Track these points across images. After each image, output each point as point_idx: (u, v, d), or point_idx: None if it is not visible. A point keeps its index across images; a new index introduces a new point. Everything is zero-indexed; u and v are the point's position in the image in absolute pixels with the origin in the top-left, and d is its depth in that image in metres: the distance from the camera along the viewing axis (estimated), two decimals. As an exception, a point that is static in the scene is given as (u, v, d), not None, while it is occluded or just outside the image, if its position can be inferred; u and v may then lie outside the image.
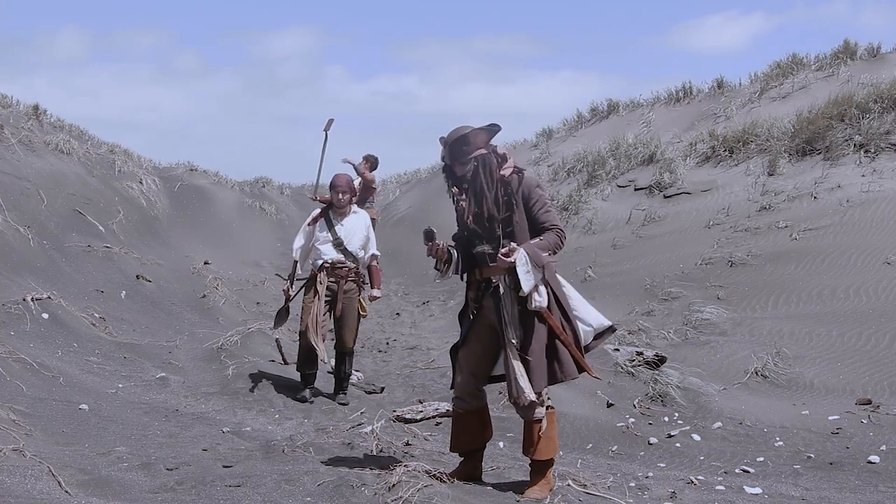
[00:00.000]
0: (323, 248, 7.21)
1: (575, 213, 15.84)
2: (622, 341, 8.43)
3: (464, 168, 4.39)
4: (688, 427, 6.59)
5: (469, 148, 4.37)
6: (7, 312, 7.88)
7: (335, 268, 7.18)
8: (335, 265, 7.18)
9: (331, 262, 7.17)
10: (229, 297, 11.93)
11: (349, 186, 7.24)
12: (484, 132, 4.42)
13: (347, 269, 7.22)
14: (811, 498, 4.98)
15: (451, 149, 4.38)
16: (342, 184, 7.20)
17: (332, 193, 7.23)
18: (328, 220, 7.26)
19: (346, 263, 7.20)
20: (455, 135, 4.38)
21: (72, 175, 13.94)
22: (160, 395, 7.15)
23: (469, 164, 4.37)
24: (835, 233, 11.32)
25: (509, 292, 4.36)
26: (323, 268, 7.19)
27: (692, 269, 11.40)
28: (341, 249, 7.19)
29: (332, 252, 7.19)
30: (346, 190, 7.19)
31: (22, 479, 4.13)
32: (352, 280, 7.26)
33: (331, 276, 7.17)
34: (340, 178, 7.25)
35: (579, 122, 22.39)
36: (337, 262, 7.18)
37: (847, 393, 7.34)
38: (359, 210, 7.45)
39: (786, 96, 18.11)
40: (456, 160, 4.39)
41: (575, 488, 4.57)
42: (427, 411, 6.80)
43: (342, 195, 7.18)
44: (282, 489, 4.16)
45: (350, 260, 7.23)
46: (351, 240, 7.23)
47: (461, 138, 4.37)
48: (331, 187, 7.24)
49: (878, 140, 13.72)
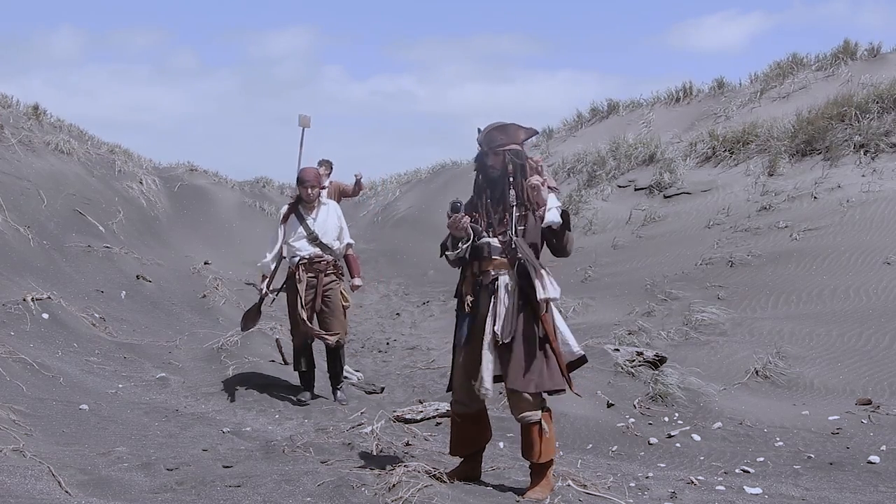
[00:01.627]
0: (298, 245, 7.08)
1: (575, 213, 15.83)
2: (622, 341, 8.43)
3: (496, 158, 4.43)
4: (688, 427, 6.59)
5: (505, 139, 4.43)
6: (7, 312, 7.88)
7: (313, 263, 7.07)
8: (313, 260, 7.07)
9: (308, 258, 7.07)
10: (229, 297, 11.93)
11: (318, 181, 7.15)
12: (523, 131, 4.50)
13: (326, 262, 7.11)
14: (811, 498, 4.98)
15: (489, 134, 4.44)
16: (310, 178, 7.08)
17: (300, 189, 7.10)
18: (299, 216, 7.12)
19: (324, 257, 7.10)
20: (496, 124, 4.45)
21: (72, 175, 13.94)
22: (160, 395, 7.15)
23: (501, 155, 4.42)
24: (835, 233, 11.32)
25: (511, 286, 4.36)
26: (300, 265, 7.07)
27: (692, 270, 11.40)
28: (317, 244, 7.07)
29: (307, 247, 7.07)
30: (314, 184, 7.08)
31: (22, 479, 4.13)
32: (331, 272, 7.14)
33: (309, 271, 7.06)
34: (308, 173, 7.15)
35: (579, 122, 22.39)
36: (314, 256, 7.07)
37: (847, 393, 7.34)
38: (328, 201, 7.33)
39: (786, 96, 18.11)
40: (490, 147, 4.44)
41: (575, 488, 4.56)
42: (427, 411, 6.79)
43: (311, 190, 7.06)
44: (282, 489, 4.16)
45: (327, 253, 7.12)
46: (325, 232, 7.12)
47: (501, 127, 4.44)
48: (299, 182, 7.13)
49: (878, 140, 13.72)
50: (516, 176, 4.41)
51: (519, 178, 4.41)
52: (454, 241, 4.44)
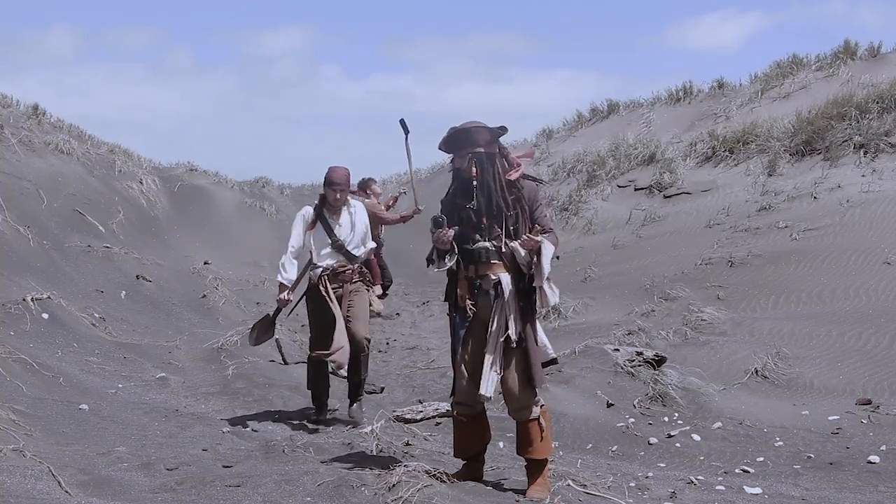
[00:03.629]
0: (321, 254, 6.37)
1: (575, 213, 15.85)
2: (622, 341, 8.43)
3: (462, 161, 4.44)
4: (688, 427, 6.59)
5: (467, 143, 4.41)
6: (7, 312, 7.88)
7: (337, 274, 6.35)
8: (337, 271, 6.35)
9: (332, 269, 6.35)
10: (229, 297, 11.92)
11: (348, 183, 6.42)
12: (488, 131, 4.45)
13: (351, 271, 6.38)
14: (811, 498, 4.98)
15: (448, 139, 4.45)
16: (340, 180, 6.33)
17: (328, 191, 6.35)
18: (324, 221, 6.38)
19: (349, 266, 6.38)
20: (459, 127, 4.43)
21: (72, 175, 13.94)
22: (160, 395, 7.15)
23: (465, 158, 4.42)
24: (835, 233, 11.32)
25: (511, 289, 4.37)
26: (323, 276, 6.32)
27: (692, 270, 11.40)
28: (343, 252, 6.36)
29: (331, 257, 6.36)
30: (344, 188, 6.35)
31: (22, 479, 4.13)
32: (357, 280, 6.46)
33: (333, 282, 6.32)
34: (339, 175, 6.35)
35: (579, 122, 22.38)
36: (338, 266, 6.35)
37: (847, 393, 7.34)
38: (354, 203, 6.54)
39: (786, 96, 18.11)
40: (452, 151, 4.46)
41: (575, 488, 4.57)
42: (427, 411, 6.79)
43: (340, 194, 6.32)
44: (282, 489, 4.16)
45: (352, 262, 6.40)
46: (351, 239, 6.41)
47: (462, 131, 4.42)
48: (327, 184, 6.36)
49: (878, 140, 13.72)
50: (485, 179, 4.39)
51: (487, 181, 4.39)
52: (440, 254, 4.46)
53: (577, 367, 7.41)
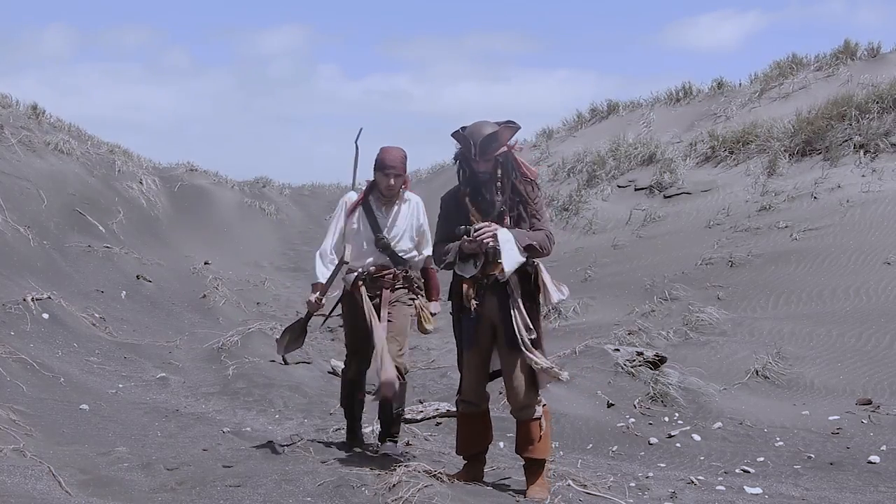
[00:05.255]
0: (360, 252, 5.16)
1: (575, 213, 15.85)
2: (622, 341, 8.43)
3: (487, 165, 4.42)
4: (688, 427, 6.59)
5: (497, 145, 4.41)
6: (7, 312, 7.87)
7: (375, 278, 5.14)
8: (375, 274, 5.14)
9: (371, 271, 5.15)
10: (229, 297, 11.93)
11: (404, 167, 5.13)
12: (509, 130, 4.47)
13: (393, 275, 5.16)
14: (811, 498, 4.98)
15: (483, 145, 4.39)
16: (395, 162, 5.07)
17: (378, 176, 5.11)
18: (369, 211, 5.17)
19: (391, 269, 5.16)
20: (483, 130, 4.41)
21: (72, 175, 13.93)
22: (160, 395, 7.15)
23: (492, 161, 4.41)
24: (835, 233, 11.32)
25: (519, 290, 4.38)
26: (359, 279, 5.15)
27: (692, 270, 11.40)
28: (388, 252, 5.16)
29: (372, 256, 5.16)
30: (400, 172, 5.09)
31: (22, 479, 4.13)
32: (400, 287, 5.19)
33: (371, 289, 5.13)
34: (394, 155, 5.09)
35: (579, 122, 22.39)
36: (379, 268, 5.15)
37: (847, 393, 7.34)
38: (411, 196, 5.27)
39: (786, 96, 18.11)
40: (483, 157, 4.41)
41: (575, 488, 4.57)
42: (427, 411, 6.79)
43: (394, 180, 5.07)
44: (282, 489, 4.16)
45: (397, 265, 5.19)
46: (401, 238, 5.18)
47: (492, 135, 4.40)
48: (378, 167, 5.10)
49: (878, 140, 13.72)
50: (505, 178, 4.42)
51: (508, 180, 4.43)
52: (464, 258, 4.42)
53: (578, 367, 7.41)
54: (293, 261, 15.84)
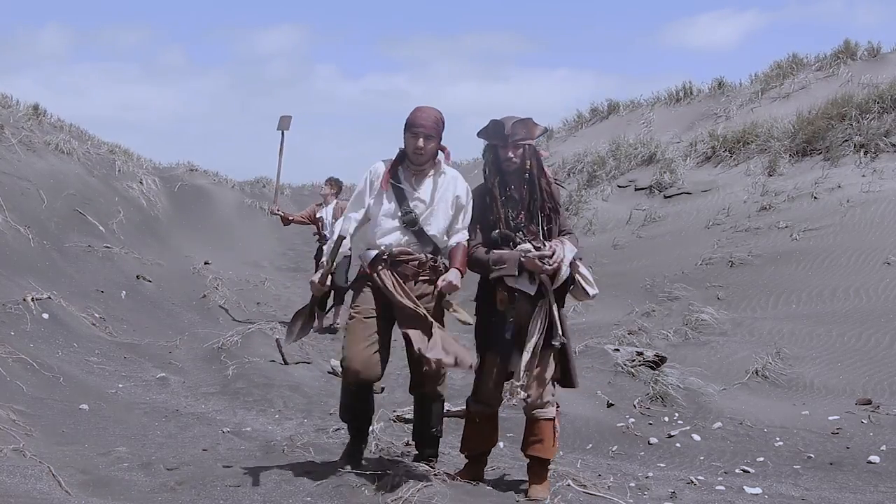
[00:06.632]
0: (381, 228, 4.41)
1: (575, 213, 15.84)
2: (622, 341, 8.44)
3: (515, 151, 4.37)
4: (688, 427, 6.59)
5: (527, 132, 4.40)
6: (7, 312, 7.87)
7: (396, 262, 4.37)
8: (397, 258, 4.36)
9: (392, 253, 4.36)
10: (229, 297, 11.93)
11: (437, 128, 4.37)
12: (540, 128, 4.50)
13: (418, 262, 4.39)
14: (811, 498, 4.98)
15: (514, 127, 4.36)
16: (427, 123, 4.34)
17: (408, 136, 4.36)
18: (397, 184, 4.40)
19: (416, 255, 4.38)
20: (514, 117, 4.41)
21: (72, 175, 13.93)
22: (160, 395, 7.15)
23: (520, 149, 4.38)
24: (835, 233, 11.32)
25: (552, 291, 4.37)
26: (380, 261, 4.38)
27: (692, 270, 11.40)
28: (414, 232, 4.38)
29: (396, 235, 4.38)
30: (431, 133, 4.34)
31: (22, 479, 4.13)
32: (424, 279, 4.42)
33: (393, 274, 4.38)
34: (427, 114, 4.36)
35: (579, 122, 22.40)
36: (402, 252, 4.37)
37: (847, 393, 7.34)
38: (448, 169, 4.49)
39: (786, 96, 18.11)
40: (512, 139, 4.36)
41: (575, 488, 4.57)
42: (427, 411, 6.77)
43: (424, 140, 4.31)
44: (282, 489, 4.17)
45: (425, 249, 4.41)
46: (432, 217, 4.40)
47: (524, 121, 4.40)
48: (408, 126, 4.36)
49: (878, 140, 13.72)
50: (534, 172, 4.41)
51: (537, 175, 4.41)
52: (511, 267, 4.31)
53: (578, 367, 7.39)
54: (293, 261, 15.84)
